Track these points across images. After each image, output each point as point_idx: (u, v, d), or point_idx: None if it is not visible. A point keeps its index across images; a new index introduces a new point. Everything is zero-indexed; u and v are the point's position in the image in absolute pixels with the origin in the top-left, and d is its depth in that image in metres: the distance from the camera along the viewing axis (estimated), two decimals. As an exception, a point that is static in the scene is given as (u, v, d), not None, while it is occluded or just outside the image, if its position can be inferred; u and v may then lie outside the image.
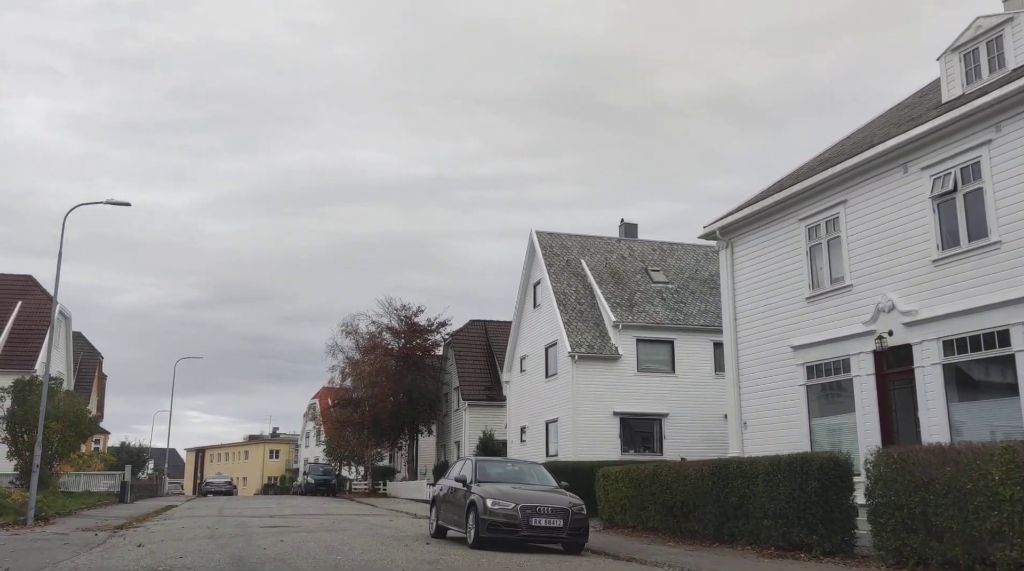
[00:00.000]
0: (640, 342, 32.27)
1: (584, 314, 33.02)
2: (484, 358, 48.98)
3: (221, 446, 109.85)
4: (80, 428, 36.17)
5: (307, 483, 55.77)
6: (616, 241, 37.68)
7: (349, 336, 56.52)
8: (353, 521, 23.76)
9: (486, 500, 14.44)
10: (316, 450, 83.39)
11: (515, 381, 38.46)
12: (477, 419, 45.79)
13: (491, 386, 47.37)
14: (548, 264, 34.85)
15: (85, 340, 61.18)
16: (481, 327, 50.97)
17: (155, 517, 27.56)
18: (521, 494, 14.73)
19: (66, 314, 47.88)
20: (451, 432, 49.51)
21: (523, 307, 37.86)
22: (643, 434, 31.87)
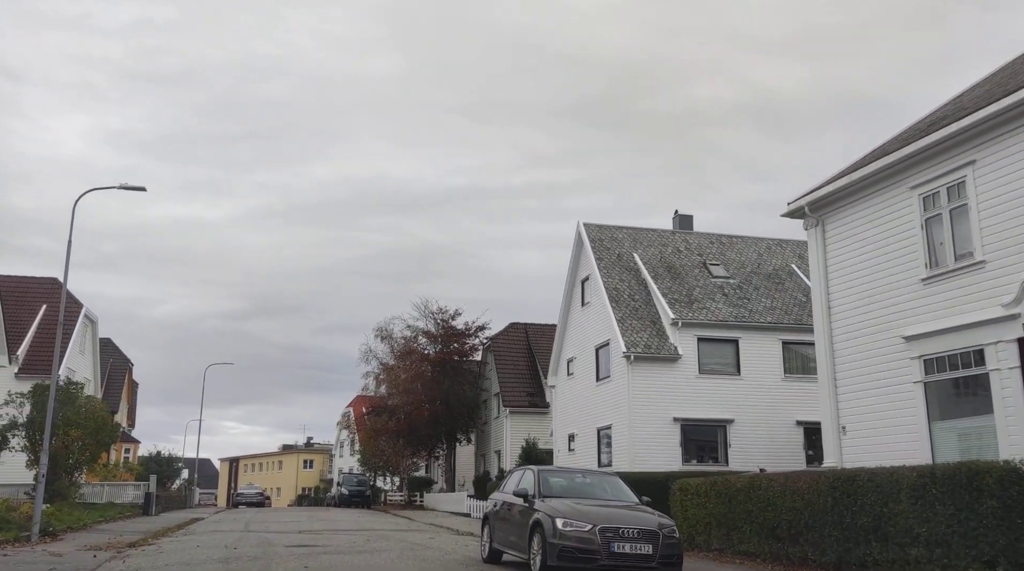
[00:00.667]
0: (701, 341, 29.31)
1: (639, 311, 30.15)
2: (525, 363, 46.21)
3: (255, 456, 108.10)
4: (101, 436, 33.99)
5: (341, 494, 53.29)
6: (670, 233, 34.77)
7: (384, 341, 54.15)
8: (390, 539, 21.08)
9: (555, 520, 11.66)
10: (350, 460, 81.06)
11: (561, 386, 35.63)
12: (519, 427, 42.98)
13: (533, 392, 44.57)
14: (598, 258, 32.04)
15: (115, 347, 59.42)
16: (522, 330, 48.21)
17: (175, 532, 25.13)
18: (598, 512, 11.92)
19: (92, 318, 45.98)
20: (491, 441, 46.75)
21: (570, 306, 35.07)
22: (706, 442, 28.87)
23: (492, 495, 15.21)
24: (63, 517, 25.62)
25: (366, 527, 27.43)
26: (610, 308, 29.83)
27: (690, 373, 28.92)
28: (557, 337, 35.97)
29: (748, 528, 14.58)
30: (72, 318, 43.12)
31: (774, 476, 14.55)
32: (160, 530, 25.29)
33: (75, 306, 43.75)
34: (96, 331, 47.01)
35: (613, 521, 11.61)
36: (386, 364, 53.93)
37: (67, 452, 33.02)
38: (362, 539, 20.77)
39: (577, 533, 11.44)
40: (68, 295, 45.12)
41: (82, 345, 44.61)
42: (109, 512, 31.90)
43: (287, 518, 34.72)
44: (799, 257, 34.42)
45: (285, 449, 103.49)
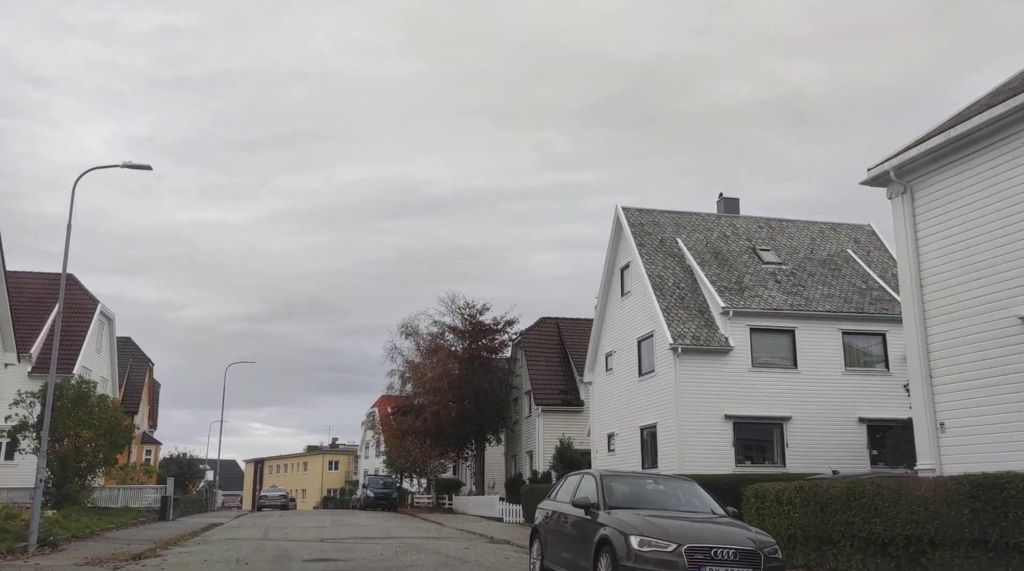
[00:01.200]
0: (754, 332, 26.88)
1: (685, 300, 27.77)
2: (558, 359, 43.91)
3: (280, 457, 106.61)
4: (115, 437, 32.10)
5: (366, 497, 51.28)
6: (715, 218, 32.34)
7: (408, 338, 52.03)
8: (422, 550, 18.89)
9: (629, 538, 9.35)
10: (376, 461, 79.15)
11: (599, 382, 33.30)
12: (552, 426, 40.71)
13: (567, 390, 42.27)
14: (639, 244, 29.69)
15: (135, 346, 57.84)
16: (553, 325, 45.92)
17: (187, 541, 23.12)
18: (682, 527, 9.59)
19: (108, 316, 44.26)
20: (522, 441, 44.51)
21: (608, 297, 32.73)
22: (760, 441, 26.45)
23: (542, 504, 12.92)
24: (69, 524, 23.70)
25: (393, 534, 25.29)
26: (654, 297, 27.47)
27: (742, 366, 26.50)
28: (594, 330, 33.66)
29: (847, 543, 12.19)
30: (86, 315, 41.45)
31: (882, 481, 12.14)
32: (172, 538, 23.31)
33: (90, 303, 42.08)
34: (113, 329, 45.29)
35: (702, 538, 9.30)
36: (412, 362, 51.83)
37: (79, 454, 31.18)
38: (390, 550, 18.60)
39: (658, 554, 9.14)
40: (84, 292, 43.73)
41: (98, 343, 42.91)
42: (122, 518, 30.01)
43: (310, 523, 32.71)
44: (855, 241, 31.90)
45: (310, 450, 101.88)
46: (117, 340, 58.34)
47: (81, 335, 40.29)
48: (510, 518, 34.85)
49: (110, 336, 45.18)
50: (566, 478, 12.70)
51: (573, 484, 11.91)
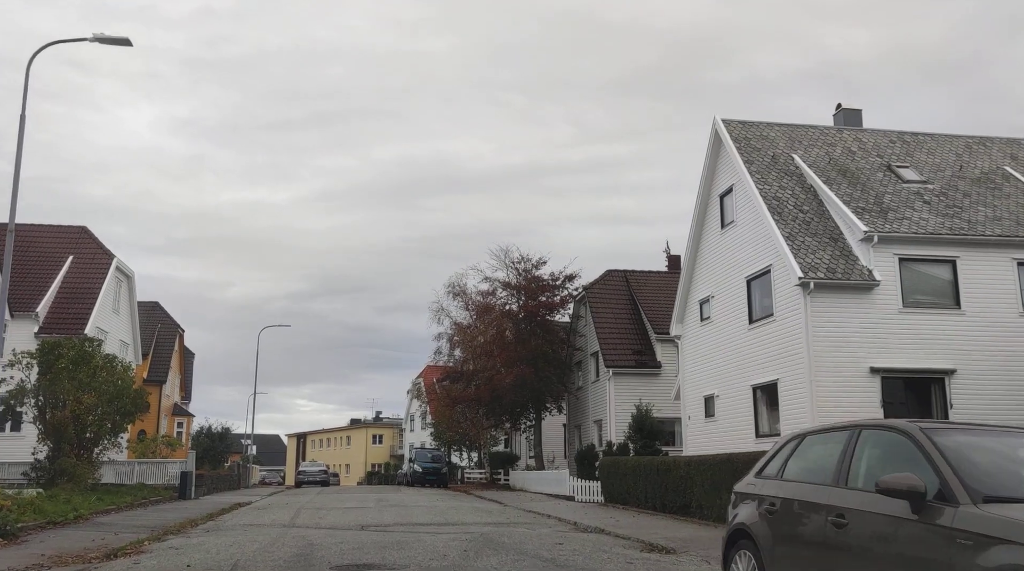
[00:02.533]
0: (905, 262, 20.94)
1: (811, 225, 21.88)
2: (628, 315, 38.25)
3: (322, 431, 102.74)
4: (122, 403, 27.26)
5: (413, 472, 46.25)
6: (836, 131, 26.29)
7: (456, 298, 46.72)
8: (499, 546, 13.46)
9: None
10: (422, 434, 74.37)
11: (691, 335, 27.60)
12: (625, 392, 35.15)
13: (641, 350, 36.62)
14: (746, 161, 23.81)
15: (164, 312, 53.45)
16: (621, 278, 40.21)
17: (194, 528, 18.06)
18: None
19: (126, 273, 39.54)
20: (588, 409, 39.00)
21: (701, 232, 26.93)
22: (916, 400, 20.58)
23: (746, 486, 7.12)
24: (49, 507, 18.75)
25: (452, 519, 19.99)
26: (772, 222, 21.62)
27: (891, 306, 20.60)
28: (683, 274, 27.91)
29: None
30: (100, 270, 36.73)
31: None
32: (176, 524, 18.29)
33: (104, 257, 37.35)
34: (133, 289, 40.58)
35: None
36: (460, 324, 46.58)
37: (79, 424, 26.41)
38: (457, 547, 13.22)
39: None
40: (97, 245, 38.99)
41: (115, 303, 38.20)
42: (130, 497, 25.18)
43: (350, 503, 27.67)
44: (1011, 158, 25.67)
45: (353, 424, 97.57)
46: (145, 305, 54.08)
47: (94, 292, 35.58)
48: (583, 496, 29.48)
49: (129, 296, 40.49)
50: (794, 441, 6.87)
51: (827, 451, 6.15)
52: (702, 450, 24.55)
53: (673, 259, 42.18)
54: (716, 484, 17.73)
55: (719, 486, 17.57)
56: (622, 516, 20.73)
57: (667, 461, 20.52)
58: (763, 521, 6.26)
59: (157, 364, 49.96)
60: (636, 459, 23.29)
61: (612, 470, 25.15)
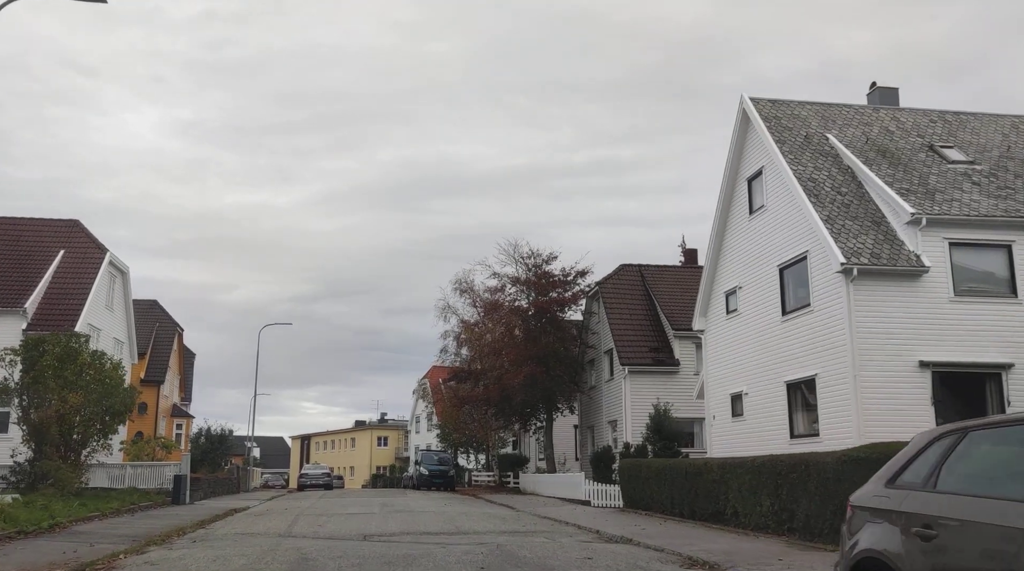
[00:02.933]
0: (956, 247, 19.18)
1: (850, 209, 20.14)
2: (644, 312, 36.50)
3: (327, 433, 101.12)
4: (111, 403, 25.61)
5: (420, 475, 44.50)
6: (872, 110, 24.54)
7: (464, 295, 45.05)
8: (520, 562, 11.73)
9: None
10: (428, 436, 72.68)
11: (716, 329, 25.86)
12: (642, 390, 33.41)
13: (658, 347, 34.86)
14: (778, 140, 22.08)
15: (162, 310, 51.87)
16: (635, 273, 38.46)
17: (179, 538, 16.38)
18: None
19: (120, 268, 37.91)
20: (602, 410, 37.24)
21: (727, 219, 25.20)
22: (968, 398, 18.81)
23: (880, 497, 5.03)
24: (23, 514, 17.11)
25: (463, 527, 18.29)
26: (809, 205, 19.88)
27: (941, 295, 18.86)
28: (707, 265, 26.18)
29: None
30: (92, 264, 35.10)
31: None
32: (161, 534, 16.60)
33: (97, 251, 35.73)
34: (128, 285, 38.93)
35: None
36: (467, 322, 44.91)
37: (65, 425, 24.76)
38: (472, 563, 11.47)
39: None
40: (90, 238, 37.40)
41: (108, 299, 36.57)
42: (118, 503, 23.49)
43: (353, 508, 25.99)
44: (1060, 138, 23.89)
45: (358, 426, 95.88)
46: (143, 303, 52.50)
47: (85, 287, 33.93)
48: (600, 501, 27.74)
49: (124, 292, 38.85)
50: (947, 439, 4.88)
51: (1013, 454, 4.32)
52: (729, 452, 22.83)
53: (689, 253, 40.48)
54: (755, 489, 16.00)
55: (758, 491, 15.85)
56: (648, 523, 18.99)
57: (697, 464, 18.78)
58: (914, 550, 4.51)
59: (155, 364, 48.36)
60: (662, 461, 21.56)
61: (633, 473, 23.41)
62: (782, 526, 15.02)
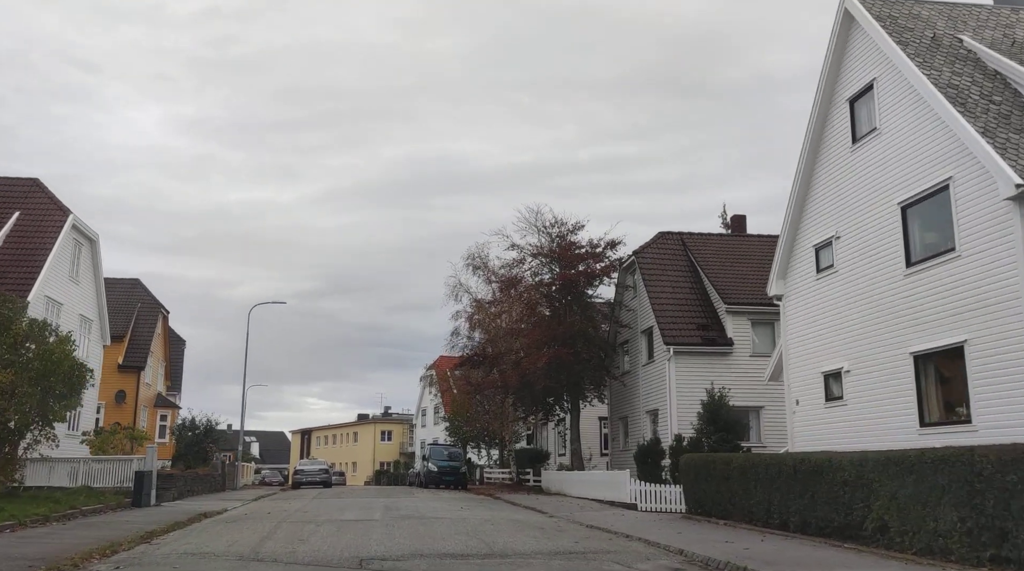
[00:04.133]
0: None
1: (1011, 120, 15.01)
2: (689, 284, 31.42)
3: (328, 428, 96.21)
4: (52, 383, 20.55)
5: (427, 471, 39.37)
6: (1010, 12, 19.30)
7: (477, 272, 40.00)
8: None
9: None
10: (434, 430, 67.67)
11: (800, 294, 20.73)
12: (689, 374, 28.37)
13: (707, 324, 29.77)
14: (900, 42, 16.95)
15: (145, 290, 46.84)
16: (676, 242, 33.36)
17: (98, 561, 11.43)
18: None
19: (89, 235, 32.85)
20: (638, 397, 32.14)
21: (816, 156, 20.05)
22: None
23: None
24: None
25: (497, 544, 13.26)
26: (957, 115, 14.76)
27: None
28: (789, 217, 20.98)
29: None
30: (52, 227, 29.97)
31: None
32: (83, 553, 11.81)
33: (58, 213, 30.61)
34: (98, 256, 33.85)
35: None
36: (481, 301, 39.89)
37: (0, 408, 19.71)
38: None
39: None
40: (50, 199, 32.20)
41: (73, 270, 31.49)
42: (49, 507, 18.41)
43: (351, 513, 21.00)
44: None
45: (361, 420, 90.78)
46: (124, 282, 47.55)
47: (42, 253, 28.84)
48: (648, 504, 22.79)
49: (93, 264, 33.76)
50: None
51: None
52: (819, 445, 17.77)
53: (736, 221, 35.45)
54: (925, 495, 10.95)
55: (932, 499, 10.81)
56: (742, 539, 13.93)
57: (815, 460, 13.71)
58: None
59: (135, 348, 43.33)
60: (753, 456, 16.46)
61: (702, 471, 18.33)
62: (981, 552, 9.97)
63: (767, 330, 29.24)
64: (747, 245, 33.05)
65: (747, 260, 31.58)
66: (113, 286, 46.37)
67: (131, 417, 42.17)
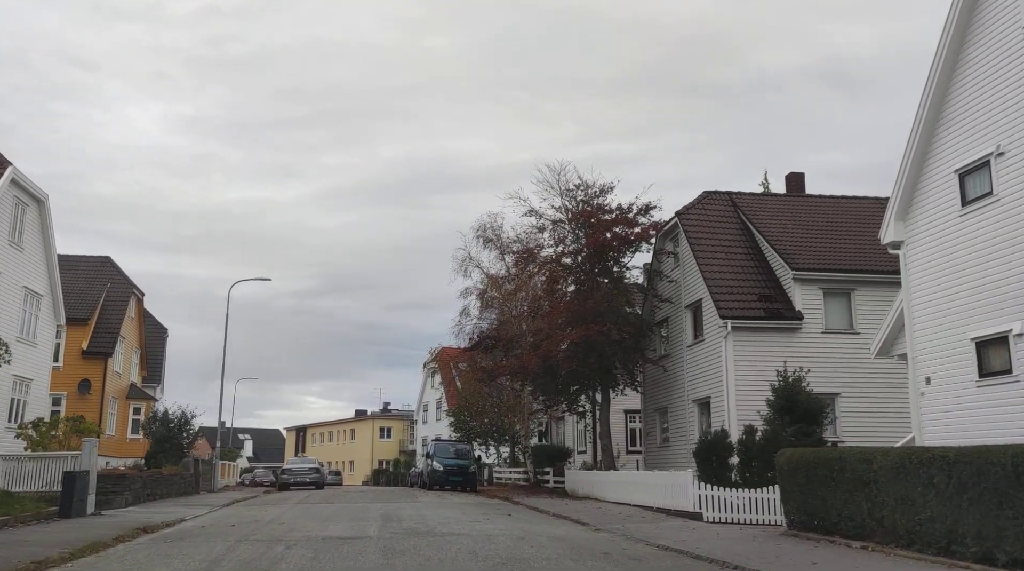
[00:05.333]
0: None
1: None
2: (744, 250, 26.37)
3: (324, 424, 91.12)
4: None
5: (432, 471, 34.17)
6: None
7: (489, 245, 34.97)
8: None
9: None
10: (437, 427, 62.58)
11: (929, 236, 15.60)
12: (750, 354, 23.36)
13: (770, 295, 24.69)
14: None
15: (116, 268, 41.76)
16: (725, 202, 28.31)
17: None
18: None
19: (36, 194, 27.59)
20: (681, 384, 27.04)
21: (958, 57, 14.93)
22: None
23: None
24: None
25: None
26: None
27: None
28: (915, 140, 15.77)
29: None
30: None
31: None
32: None
33: None
34: (47, 220, 28.58)
35: None
36: (495, 276, 34.84)
37: None
38: None
39: None
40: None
41: (13, 235, 26.28)
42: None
43: (339, 525, 15.94)
44: None
45: (359, 416, 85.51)
46: (94, 259, 42.47)
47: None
48: (717, 513, 17.81)
49: (43, 230, 28.52)
50: None
51: None
52: (969, 437, 12.75)
53: (794, 179, 30.32)
54: None
55: None
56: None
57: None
58: None
59: (103, 332, 38.22)
60: (917, 451, 11.34)
61: (816, 472, 13.27)
62: None
63: (842, 302, 24.27)
64: (810, 206, 28.06)
65: (812, 224, 26.61)
66: (78, 264, 41.28)
67: (97, 410, 37.14)
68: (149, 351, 47.69)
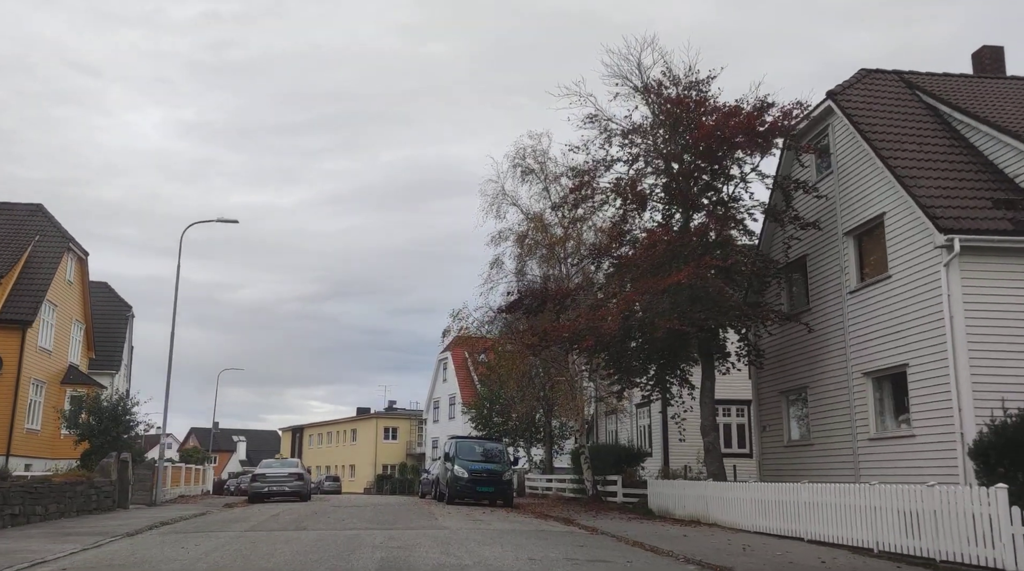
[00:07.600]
0: None
1: None
2: (947, 142, 17.06)
3: (323, 424, 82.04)
4: None
5: (453, 479, 24.53)
6: None
7: (529, 177, 25.90)
8: None
9: None
10: (450, 426, 53.25)
11: None
12: (991, 290, 14.08)
13: (1012, 201, 15.32)
14: None
15: (48, 217, 32.75)
16: (895, 82, 19.02)
17: None
18: None
19: None
20: (842, 350, 17.67)
21: None
22: None
23: None
24: None
25: None
26: None
27: None
28: None
29: None
30: None
31: None
32: None
33: None
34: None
35: None
36: (539, 215, 25.68)
37: None
38: None
39: None
40: None
41: None
42: None
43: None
44: None
45: (360, 415, 76.00)
46: (19, 207, 33.43)
47: None
48: None
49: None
50: None
51: None
52: None
53: (991, 54, 20.97)
54: None
55: None
56: None
57: None
58: None
59: (22, 294, 29.10)
60: None
61: None
62: None
63: None
64: (1017, 90, 18.79)
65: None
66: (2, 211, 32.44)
67: (11, 395, 27.98)
68: (108, 332, 38.61)
